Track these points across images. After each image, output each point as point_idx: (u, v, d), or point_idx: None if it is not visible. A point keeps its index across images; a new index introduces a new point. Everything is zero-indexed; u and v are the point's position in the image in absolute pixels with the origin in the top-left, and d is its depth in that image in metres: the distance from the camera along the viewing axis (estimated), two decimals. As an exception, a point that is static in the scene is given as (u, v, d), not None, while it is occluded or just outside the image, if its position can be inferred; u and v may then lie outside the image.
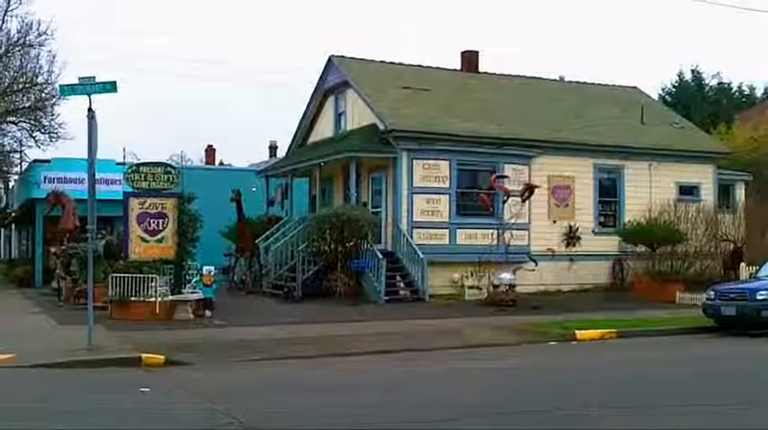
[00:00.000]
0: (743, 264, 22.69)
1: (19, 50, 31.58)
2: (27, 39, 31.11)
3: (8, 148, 35.96)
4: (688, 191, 26.55)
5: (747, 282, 18.13)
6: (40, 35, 30.94)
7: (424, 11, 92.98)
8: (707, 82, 51.47)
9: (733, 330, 16.29)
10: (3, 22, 31.12)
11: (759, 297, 16.11)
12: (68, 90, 13.83)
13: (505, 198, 22.55)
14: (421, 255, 21.51)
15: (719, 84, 51.52)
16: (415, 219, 22.50)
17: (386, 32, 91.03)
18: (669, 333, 16.37)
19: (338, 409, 8.90)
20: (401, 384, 10.81)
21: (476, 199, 22.94)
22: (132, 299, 17.42)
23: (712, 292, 17.09)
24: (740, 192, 28.38)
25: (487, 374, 11.79)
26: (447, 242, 22.70)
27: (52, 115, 32.55)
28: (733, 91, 51.83)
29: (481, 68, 28.91)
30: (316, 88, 27.80)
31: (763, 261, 19.21)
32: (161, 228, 18.52)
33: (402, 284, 21.95)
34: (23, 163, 37.50)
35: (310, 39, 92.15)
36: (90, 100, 12.93)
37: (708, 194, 26.80)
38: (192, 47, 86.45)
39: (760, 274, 18.20)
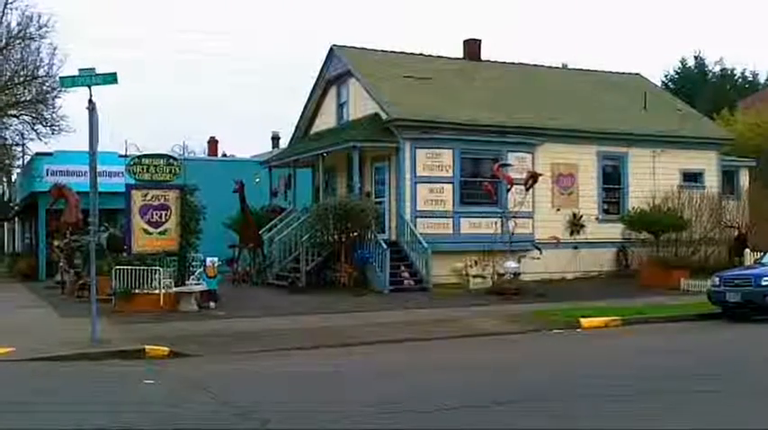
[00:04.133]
0: (747, 251, 22.64)
1: (20, 43, 31.56)
2: (27, 31, 31.09)
3: (10, 141, 36.00)
4: (692, 177, 26.47)
5: (752, 269, 18.06)
6: (40, 27, 30.94)
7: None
8: (710, 68, 51.33)
9: (738, 316, 16.25)
10: (3, 15, 31.10)
11: (764, 283, 16.06)
12: (69, 82, 13.80)
13: (509, 186, 22.46)
14: (425, 245, 21.47)
15: (722, 70, 51.40)
16: (418, 209, 22.45)
17: (388, 21, 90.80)
18: (674, 320, 16.33)
19: (341, 400, 8.88)
20: (405, 374, 10.77)
21: (479, 187, 22.85)
22: (136, 291, 17.41)
23: (717, 279, 17.04)
24: (744, 179, 28.30)
25: (492, 364, 11.75)
26: (451, 231, 22.64)
27: (54, 108, 32.61)
28: (736, 77, 51.70)
29: (483, 56, 28.79)
30: (318, 78, 27.71)
31: (768, 247, 19.16)
32: (164, 220, 18.48)
33: (406, 274, 21.91)
34: (26, 156, 37.54)
35: (312, 28, 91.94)
36: (91, 92, 12.89)
37: (711, 181, 26.71)
38: (193, 38, 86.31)
39: (764, 260, 18.12)
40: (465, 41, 29.00)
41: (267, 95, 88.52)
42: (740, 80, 51.69)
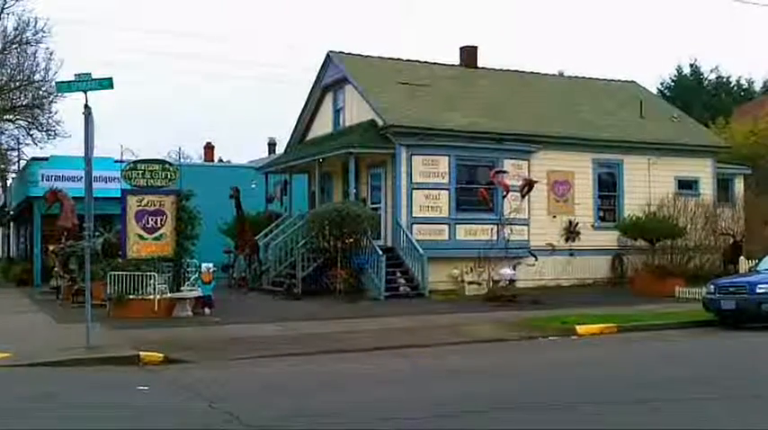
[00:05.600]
0: (742, 258, 22.67)
1: (16, 48, 31.53)
2: (24, 36, 31.06)
3: (5, 146, 35.94)
4: (687, 185, 26.52)
5: (747, 276, 18.08)
6: (36, 32, 30.91)
7: (423, 6, 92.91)
8: (705, 76, 51.48)
9: (733, 324, 16.26)
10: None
11: (759, 290, 16.08)
12: (65, 87, 13.77)
13: (505, 193, 22.50)
14: (421, 251, 21.47)
15: (718, 78, 51.54)
16: (414, 215, 22.46)
17: (385, 28, 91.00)
18: (669, 327, 16.33)
19: (337, 406, 8.86)
20: (401, 381, 10.77)
21: (475, 194, 22.88)
22: (131, 297, 17.37)
23: (712, 286, 17.06)
24: (739, 186, 28.35)
25: (489, 370, 11.74)
26: (447, 238, 22.66)
27: (49, 113, 32.56)
28: (731, 85, 51.85)
29: (480, 63, 28.84)
30: (314, 84, 27.74)
31: (763, 254, 19.18)
32: (159, 225, 18.46)
33: (402, 280, 21.91)
34: (21, 161, 37.47)
35: (310, 35, 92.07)
36: (86, 97, 12.88)
37: (707, 188, 26.76)
38: (190, 43, 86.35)
39: (759, 268, 18.15)
40: (461, 48, 29.06)
41: (264, 101, 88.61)
42: (735, 88, 51.83)
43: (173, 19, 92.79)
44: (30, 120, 33.03)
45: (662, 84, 51.11)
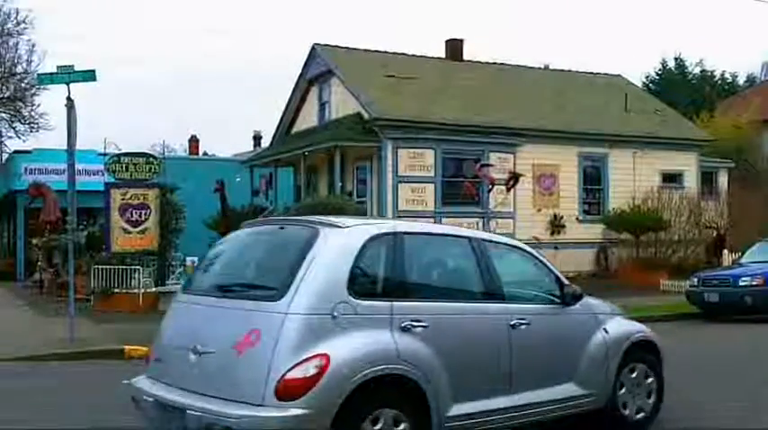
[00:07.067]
0: (726, 251, 22.83)
1: (-3, 39, 31.25)
2: (5, 28, 30.78)
3: (-12, 139, 35.61)
4: (672, 178, 26.65)
5: (730, 269, 18.23)
6: (18, 24, 30.63)
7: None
8: (690, 70, 51.73)
9: (716, 316, 16.37)
10: (-20, 12, 30.75)
11: (742, 283, 16.21)
12: (47, 79, 13.65)
13: (490, 186, 22.51)
14: (406, 245, 21.41)
15: (702, 72, 51.80)
16: (400, 208, 22.44)
17: (370, 20, 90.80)
18: (653, 319, 16.25)
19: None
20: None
21: (461, 187, 22.88)
22: (115, 290, 17.29)
23: (696, 279, 17.17)
24: (723, 180, 28.54)
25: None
26: (432, 231, 22.61)
27: (32, 105, 32.28)
28: (716, 79, 52.13)
29: (466, 56, 28.84)
30: (299, 77, 27.63)
31: (746, 247, 19.32)
32: (143, 219, 18.36)
33: (387, 274, 21.84)
34: (3, 154, 37.13)
35: (294, 27, 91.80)
36: (69, 89, 12.76)
37: (691, 182, 26.90)
38: (177, 38, 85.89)
39: (743, 261, 18.30)
40: (447, 41, 29.03)
41: (249, 94, 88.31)
42: (720, 81, 52.13)
43: (160, 12, 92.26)
44: (12, 112, 32.74)
45: (647, 77, 51.33)
